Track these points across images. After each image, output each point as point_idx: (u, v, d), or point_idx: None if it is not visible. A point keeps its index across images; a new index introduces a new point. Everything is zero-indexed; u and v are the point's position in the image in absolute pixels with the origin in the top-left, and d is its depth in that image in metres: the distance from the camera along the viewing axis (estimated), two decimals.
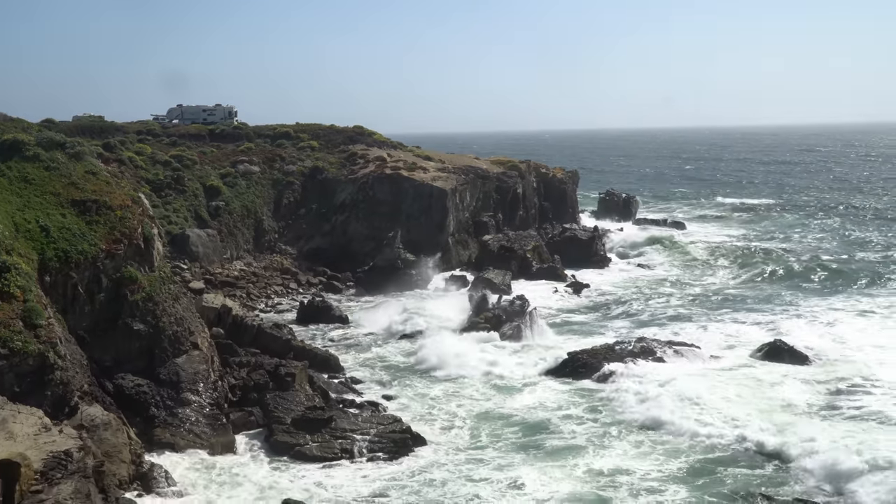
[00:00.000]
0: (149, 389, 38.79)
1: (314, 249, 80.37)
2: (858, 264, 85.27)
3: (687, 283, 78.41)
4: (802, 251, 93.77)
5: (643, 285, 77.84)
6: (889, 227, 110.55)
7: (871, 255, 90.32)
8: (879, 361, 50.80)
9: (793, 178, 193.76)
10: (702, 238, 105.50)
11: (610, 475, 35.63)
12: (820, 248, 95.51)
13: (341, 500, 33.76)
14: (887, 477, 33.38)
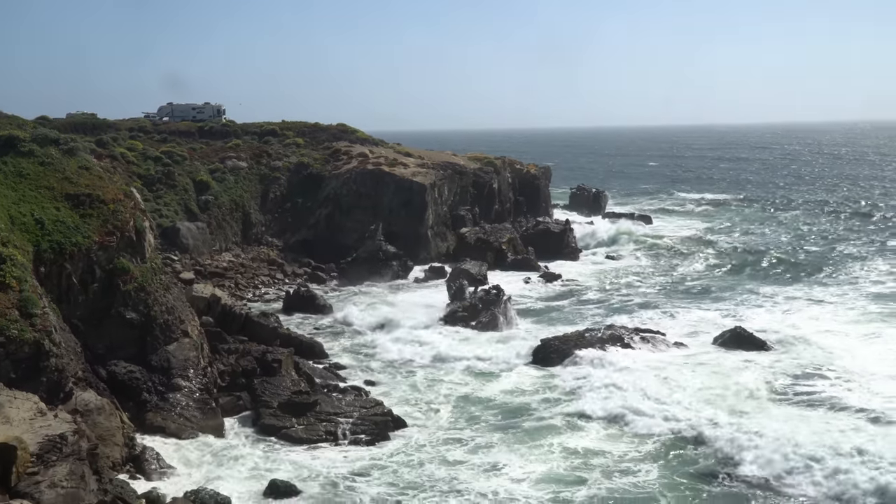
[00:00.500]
0: (141, 375, 38.63)
1: (299, 241, 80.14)
2: (812, 256, 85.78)
3: (653, 274, 78.63)
4: (761, 243, 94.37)
5: (612, 276, 77.99)
6: (839, 221, 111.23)
7: (822, 247, 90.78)
8: (833, 348, 51.08)
9: (750, 174, 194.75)
10: (667, 231, 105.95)
11: (584, 456, 35.74)
12: (777, 241, 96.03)
13: (325, 480, 33.66)
14: (825, 464, 33.49)
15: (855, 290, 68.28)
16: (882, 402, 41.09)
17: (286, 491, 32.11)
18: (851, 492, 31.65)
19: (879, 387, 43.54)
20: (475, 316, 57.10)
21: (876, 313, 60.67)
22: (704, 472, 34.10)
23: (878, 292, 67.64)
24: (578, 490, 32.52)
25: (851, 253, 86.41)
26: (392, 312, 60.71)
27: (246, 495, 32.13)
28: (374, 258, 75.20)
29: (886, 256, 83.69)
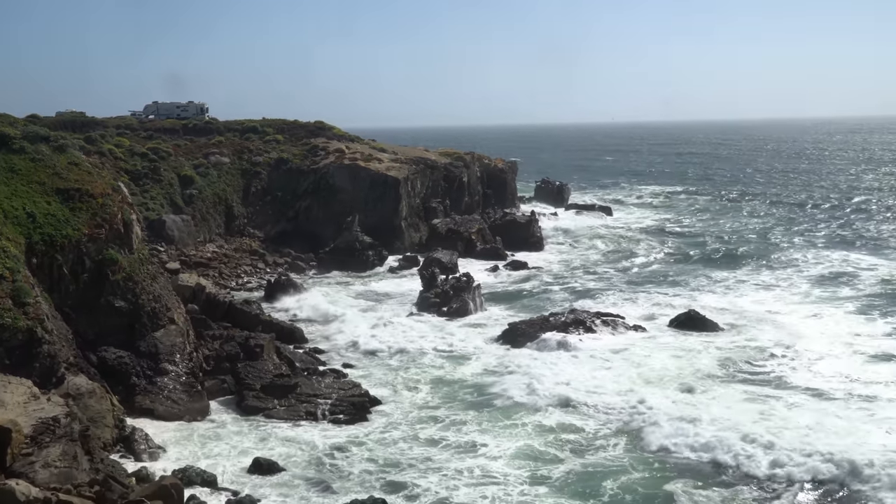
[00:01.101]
0: (130, 360, 38.50)
1: (280, 233, 79.92)
2: (761, 243, 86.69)
3: (614, 261, 78.96)
4: (713, 232, 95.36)
5: (575, 264, 78.30)
6: (785, 211, 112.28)
7: (771, 236, 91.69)
8: (778, 329, 51.68)
9: (702, 169, 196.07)
10: (627, 221, 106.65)
11: (557, 432, 35.84)
12: (729, 230, 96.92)
13: (308, 458, 33.67)
14: (765, 442, 33.54)
15: (798, 274, 69.26)
16: (823, 381, 41.63)
17: (269, 468, 32.08)
18: (791, 468, 31.77)
19: (822, 366, 44.13)
20: (447, 302, 57.22)
21: (817, 296, 61.55)
22: (662, 448, 34.21)
23: (819, 274, 68.93)
24: (556, 467, 32.59)
25: (795, 241, 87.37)
26: (366, 297, 60.71)
27: (231, 473, 32.07)
28: (351, 248, 75.19)
29: (826, 244, 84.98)
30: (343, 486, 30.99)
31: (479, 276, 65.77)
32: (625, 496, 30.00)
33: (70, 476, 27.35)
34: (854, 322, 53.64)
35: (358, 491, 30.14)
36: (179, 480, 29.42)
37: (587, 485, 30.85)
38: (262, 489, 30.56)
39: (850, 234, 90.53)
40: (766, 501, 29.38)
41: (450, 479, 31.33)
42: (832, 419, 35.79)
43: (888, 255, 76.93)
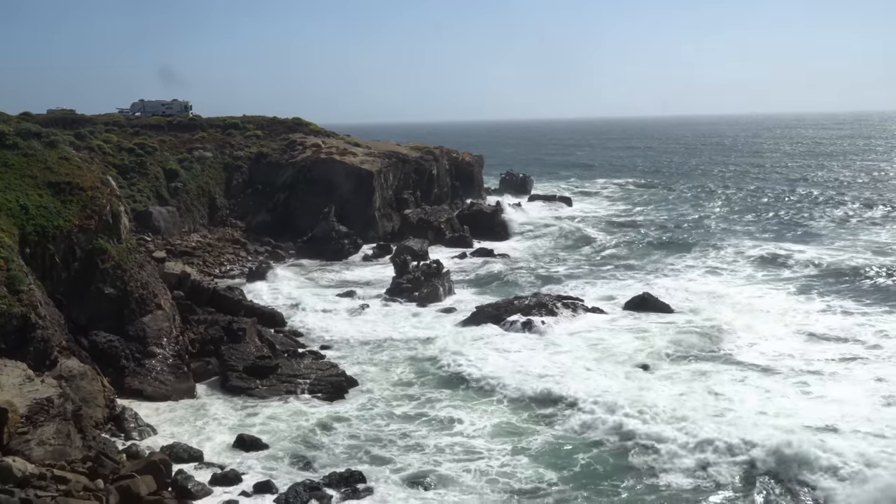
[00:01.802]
0: (119, 344, 38.33)
1: (260, 223, 79.58)
2: (711, 231, 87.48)
3: (573, 248, 79.40)
4: (665, 220, 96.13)
5: (538, 250, 78.67)
6: (733, 203, 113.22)
7: (719, 224, 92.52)
8: (726, 309, 52.17)
9: (651, 163, 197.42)
10: (585, 211, 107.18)
11: (527, 410, 35.97)
12: (679, 219, 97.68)
13: (290, 435, 33.70)
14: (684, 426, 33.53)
15: (742, 258, 69.92)
16: (768, 359, 42.08)
17: (252, 444, 32.09)
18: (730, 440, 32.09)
19: (767, 344, 44.69)
20: (418, 287, 57.33)
21: (760, 278, 62.40)
22: (617, 425, 34.19)
23: (759, 257, 69.89)
24: (534, 439, 32.89)
25: (743, 228, 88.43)
26: (345, 285, 60.67)
27: (216, 449, 32.06)
28: (328, 237, 75.13)
29: (769, 230, 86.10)
30: (325, 461, 31.06)
31: (448, 262, 65.95)
32: (596, 466, 30.34)
33: (64, 453, 27.29)
34: (794, 302, 54.49)
35: (338, 465, 30.24)
36: (168, 456, 29.45)
37: (560, 457, 31.20)
38: (246, 464, 30.59)
39: (789, 223, 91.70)
40: (712, 474, 29.57)
41: (433, 456, 31.45)
42: (778, 399, 36.04)
43: (821, 242, 78.04)
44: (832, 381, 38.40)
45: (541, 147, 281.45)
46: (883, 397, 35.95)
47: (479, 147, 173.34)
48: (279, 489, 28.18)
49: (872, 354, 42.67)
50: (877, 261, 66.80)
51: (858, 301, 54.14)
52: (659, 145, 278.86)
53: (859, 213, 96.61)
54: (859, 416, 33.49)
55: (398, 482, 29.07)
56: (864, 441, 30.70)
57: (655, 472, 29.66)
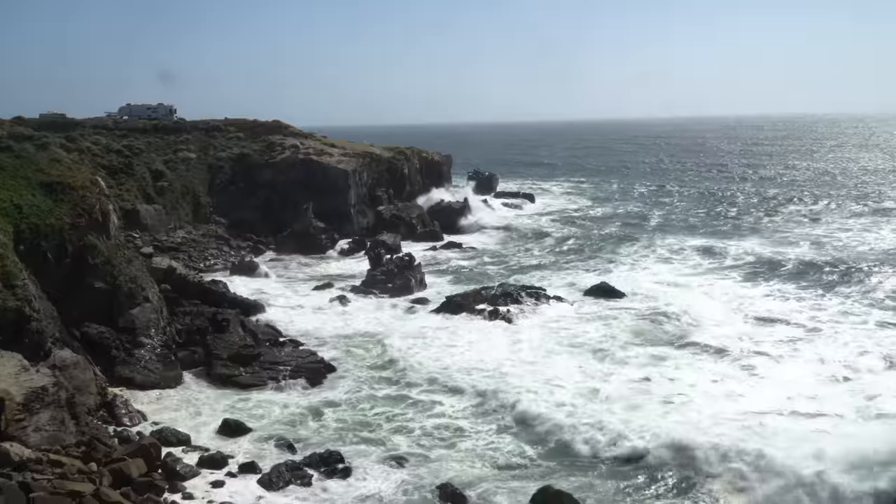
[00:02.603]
0: (110, 335, 38.10)
1: (242, 219, 78.98)
2: (662, 225, 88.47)
3: (536, 241, 79.65)
4: (622, 216, 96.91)
5: (503, 244, 78.99)
6: (683, 199, 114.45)
7: (671, 219, 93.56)
8: (677, 296, 52.80)
9: (608, 162, 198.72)
10: (548, 207, 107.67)
11: (490, 394, 35.67)
12: (635, 214, 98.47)
13: (275, 420, 33.66)
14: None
15: (693, 249, 70.62)
16: (720, 342, 42.53)
17: (237, 428, 32.00)
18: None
19: (717, 328, 45.21)
20: (391, 279, 57.34)
21: (708, 267, 63.14)
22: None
23: (708, 247, 70.80)
24: (497, 418, 33.17)
25: (692, 222, 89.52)
26: (323, 277, 60.54)
27: (203, 433, 31.97)
28: (306, 233, 74.95)
29: (716, 224, 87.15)
30: (307, 443, 31.06)
31: (419, 255, 66.01)
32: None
33: (58, 438, 27.13)
34: (740, 288, 55.33)
35: (320, 447, 30.22)
36: (157, 440, 29.34)
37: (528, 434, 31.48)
38: (231, 447, 30.52)
39: (733, 217, 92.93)
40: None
41: (419, 439, 31.60)
42: (731, 382, 36.47)
43: (762, 234, 79.24)
44: (779, 364, 38.97)
45: (509, 147, 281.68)
46: (829, 377, 36.79)
47: (449, 147, 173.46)
48: (263, 470, 28.20)
49: (813, 335, 43.66)
50: (813, 251, 68.22)
51: (798, 287, 55.09)
52: (619, 146, 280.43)
53: (796, 208, 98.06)
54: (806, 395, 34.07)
55: (377, 460, 29.18)
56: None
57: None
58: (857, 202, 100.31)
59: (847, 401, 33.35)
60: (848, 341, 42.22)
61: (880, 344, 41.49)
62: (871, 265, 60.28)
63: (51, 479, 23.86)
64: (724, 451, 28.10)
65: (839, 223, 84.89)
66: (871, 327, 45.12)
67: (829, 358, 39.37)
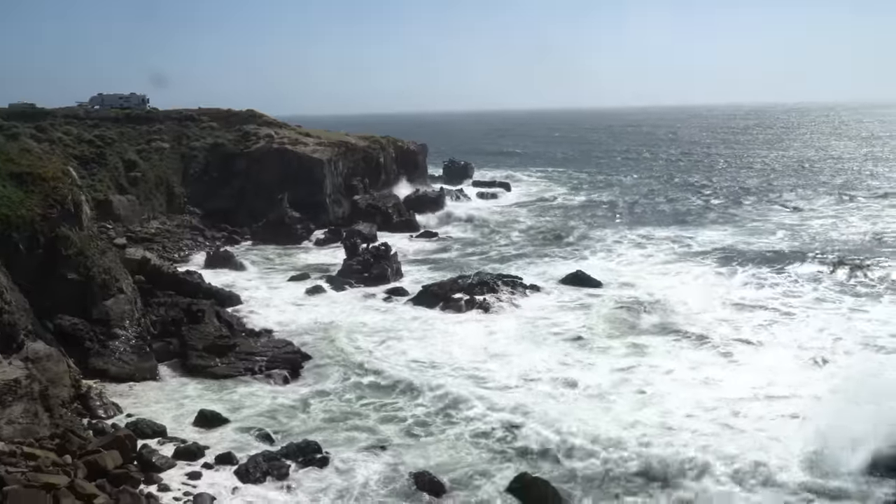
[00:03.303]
0: (83, 327, 37.64)
1: (217, 210, 78.48)
2: (636, 212, 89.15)
3: (511, 229, 79.80)
4: (597, 203, 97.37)
5: (479, 232, 78.98)
6: (658, 187, 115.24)
7: (646, 207, 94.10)
8: (652, 284, 53.27)
9: (594, 153, 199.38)
10: (523, 196, 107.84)
11: (470, 381, 35.93)
12: (609, 201, 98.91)
13: (248, 411, 33.50)
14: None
15: (668, 238, 71.25)
16: (699, 328, 43.03)
17: (213, 419, 31.79)
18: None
19: (699, 316, 45.49)
20: (368, 269, 57.19)
21: (682, 254, 63.61)
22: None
23: (678, 233, 71.71)
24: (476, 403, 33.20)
25: (667, 210, 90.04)
26: (298, 267, 60.29)
27: (179, 424, 31.76)
28: (281, 222, 74.58)
29: (691, 211, 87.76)
30: (285, 434, 30.95)
31: (395, 245, 65.88)
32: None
33: (32, 431, 26.89)
34: (716, 276, 55.82)
35: (298, 437, 30.15)
36: (132, 432, 29.15)
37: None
38: (208, 438, 30.33)
39: (708, 205, 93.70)
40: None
41: (395, 424, 31.67)
42: (709, 369, 36.72)
43: (736, 223, 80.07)
44: (757, 351, 39.42)
45: (483, 136, 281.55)
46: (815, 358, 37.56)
47: (421, 137, 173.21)
48: (240, 461, 28.08)
49: (789, 321, 44.43)
50: (787, 238, 68.98)
51: (773, 273, 55.71)
52: (594, 137, 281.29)
53: (770, 196, 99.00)
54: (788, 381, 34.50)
55: (355, 450, 29.13)
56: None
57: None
58: (830, 190, 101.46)
59: (823, 385, 33.78)
60: (823, 327, 42.91)
61: (854, 329, 42.26)
62: (843, 253, 61.15)
63: (25, 472, 23.64)
64: (684, 461, 27.05)
65: (812, 211, 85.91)
66: (845, 312, 45.98)
67: (806, 343, 39.94)
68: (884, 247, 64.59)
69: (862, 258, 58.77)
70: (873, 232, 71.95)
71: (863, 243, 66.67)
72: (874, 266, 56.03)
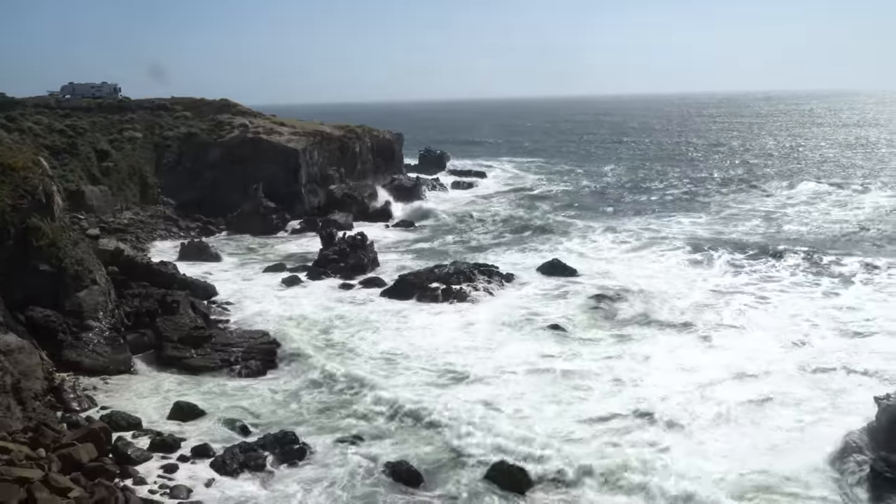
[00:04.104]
0: (56, 318, 37.19)
1: (191, 200, 77.76)
2: (611, 200, 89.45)
3: (486, 218, 79.54)
4: (573, 192, 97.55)
5: (455, 221, 78.76)
6: (631, 176, 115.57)
7: (620, 196, 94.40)
8: (632, 272, 53.47)
9: (545, 138, 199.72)
10: (499, 184, 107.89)
11: (443, 371, 36.04)
12: (584, 190, 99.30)
13: (224, 402, 33.29)
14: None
15: (642, 225, 71.66)
16: (676, 315, 43.43)
17: (189, 411, 31.57)
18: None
19: (677, 302, 45.89)
20: (344, 258, 56.93)
21: (656, 241, 63.88)
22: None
23: (653, 221, 72.11)
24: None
25: (640, 199, 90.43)
26: (274, 257, 59.94)
27: (154, 416, 31.51)
28: (256, 213, 74.11)
29: (665, 199, 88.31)
30: (261, 424, 30.78)
31: (372, 234, 65.58)
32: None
33: (4, 424, 26.55)
34: (692, 263, 56.15)
35: (275, 428, 30.01)
36: (107, 425, 28.86)
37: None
38: (184, 430, 30.14)
39: (681, 193, 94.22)
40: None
41: (371, 415, 31.63)
42: (687, 355, 37.11)
43: (709, 210, 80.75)
44: (735, 336, 40.04)
45: (456, 125, 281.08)
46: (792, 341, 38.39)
47: (400, 126, 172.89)
48: (216, 452, 27.90)
49: (766, 305, 45.22)
50: (762, 225, 69.59)
51: (749, 259, 56.34)
52: (567, 126, 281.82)
53: (743, 184, 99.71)
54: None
55: (332, 441, 29.05)
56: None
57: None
58: (804, 178, 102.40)
59: (796, 367, 34.62)
60: (799, 310, 43.80)
61: (827, 312, 43.22)
62: (817, 237, 61.99)
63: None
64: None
65: (785, 198, 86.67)
66: (819, 296, 46.89)
67: (782, 327, 40.74)
68: (857, 233, 65.54)
69: (836, 242, 59.53)
70: (846, 219, 72.81)
71: (835, 229, 67.46)
72: (847, 253, 56.80)
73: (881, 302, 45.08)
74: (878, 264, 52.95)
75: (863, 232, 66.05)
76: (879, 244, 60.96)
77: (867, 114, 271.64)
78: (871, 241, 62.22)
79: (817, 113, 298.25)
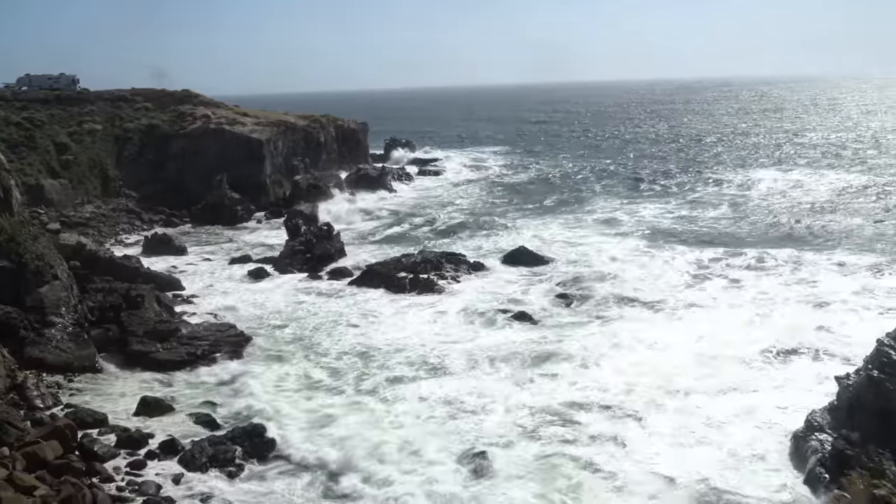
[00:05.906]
0: (17, 315, 36.53)
1: (154, 192, 76.87)
2: (576, 187, 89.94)
3: (453, 207, 79.65)
4: (536, 180, 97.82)
5: (421, 210, 78.75)
6: (599, 163, 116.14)
7: (588, 183, 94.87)
8: (600, 259, 53.75)
9: (507, 128, 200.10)
10: (463, 173, 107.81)
11: (418, 362, 35.99)
12: (549, 179, 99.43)
13: (191, 397, 33.05)
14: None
15: (608, 211, 72.16)
16: (647, 298, 43.92)
17: (156, 406, 31.26)
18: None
19: (646, 285, 46.50)
20: (310, 249, 56.60)
21: (623, 228, 64.45)
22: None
23: (620, 207, 72.91)
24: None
25: (607, 185, 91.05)
26: (239, 249, 59.54)
27: (121, 412, 31.18)
28: (221, 204, 73.56)
29: (629, 186, 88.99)
30: (229, 418, 30.61)
31: (338, 224, 65.36)
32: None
33: None
34: (660, 249, 56.53)
35: (242, 421, 29.87)
36: (72, 422, 28.52)
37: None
38: (151, 426, 29.84)
39: (650, 181, 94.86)
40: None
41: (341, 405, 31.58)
42: (658, 338, 37.59)
43: (681, 196, 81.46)
44: (704, 316, 40.76)
45: (421, 114, 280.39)
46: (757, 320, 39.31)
47: (364, 115, 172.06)
48: (185, 447, 27.69)
49: (736, 287, 46.15)
50: (729, 210, 70.60)
51: (716, 244, 57.14)
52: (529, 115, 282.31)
53: (706, 170, 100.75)
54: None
55: (300, 433, 28.96)
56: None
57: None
58: (767, 162, 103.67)
59: (760, 349, 35.28)
60: (767, 290, 44.83)
61: (793, 293, 44.24)
62: (786, 219, 63.06)
63: None
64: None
65: (746, 183, 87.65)
66: (788, 276, 47.90)
67: (749, 306, 41.93)
68: (822, 213, 66.72)
69: (802, 224, 60.55)
70: (811, 201, 73.93)
71: (800, 212, 68.47)
72: (815, 234, 57.85)
73: (844, 283, 45.80)
74: (836, 247, 54.12)
75: (823, 214, 67.06)
76: (844, 228, 61.79)
77: (820, 99, 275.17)
78: (836, 224, 63.02)
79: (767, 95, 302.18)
